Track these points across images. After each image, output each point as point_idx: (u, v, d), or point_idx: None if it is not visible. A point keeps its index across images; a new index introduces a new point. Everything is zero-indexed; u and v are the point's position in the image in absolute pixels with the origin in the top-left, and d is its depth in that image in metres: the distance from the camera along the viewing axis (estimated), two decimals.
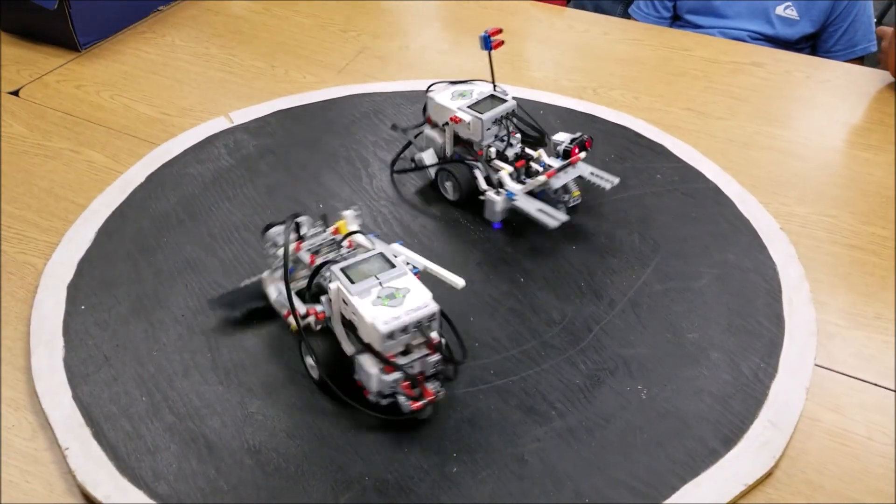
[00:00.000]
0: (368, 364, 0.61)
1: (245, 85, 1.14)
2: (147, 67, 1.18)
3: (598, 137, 1.00)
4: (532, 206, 0.80)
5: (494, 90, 0.86)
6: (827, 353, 0.73)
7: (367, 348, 0.61)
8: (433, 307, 0.60)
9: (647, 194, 0.91)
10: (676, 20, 1.64)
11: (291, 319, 0.64)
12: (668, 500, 0.60)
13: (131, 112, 1.07)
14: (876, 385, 0.71)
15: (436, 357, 0.62)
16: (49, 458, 0.63)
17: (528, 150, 0.84)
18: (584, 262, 0.81)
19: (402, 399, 0.62)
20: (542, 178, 0.81)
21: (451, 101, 0.85)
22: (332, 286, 0.61)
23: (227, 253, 0.82)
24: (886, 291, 0.80)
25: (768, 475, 0.63)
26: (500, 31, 0.84)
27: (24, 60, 1.19)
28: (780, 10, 1.50)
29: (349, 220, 0.71)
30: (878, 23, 1.66)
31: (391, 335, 0.58)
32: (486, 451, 0.63)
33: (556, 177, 0.81)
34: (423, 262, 0.67)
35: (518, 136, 0.85)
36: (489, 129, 0.82)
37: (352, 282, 0.60)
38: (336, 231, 0.70)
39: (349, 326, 0.63)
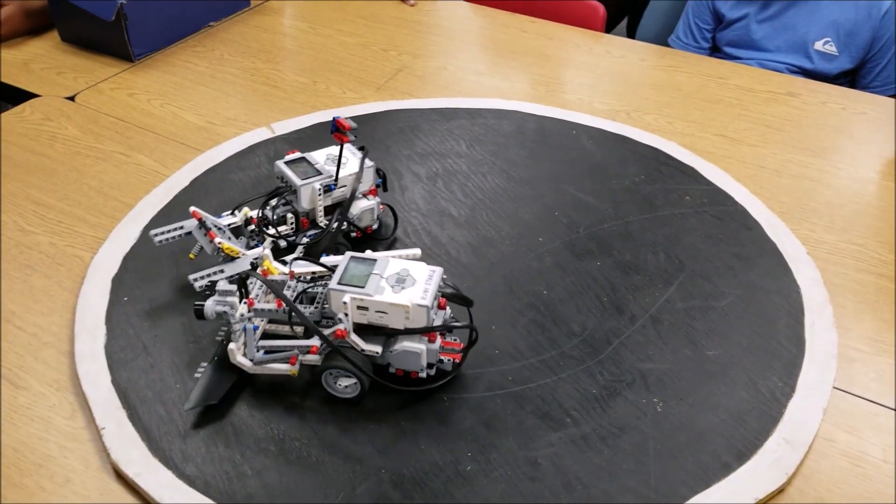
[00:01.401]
0: (412, 345, 0.65)
1: (287, 98, 1.18)
2: (196, 79, 1.23)
3: (629, 158, 1.02)
4: None
5: (335, 182, 0.81)
6: (847, 376, 0.74)
7: (402, 334, 0.65)
8: (439, 269, 0.66)
9: (675, 215, 0.92)
10: (715, 52, 1.65)
11: (305, 357, 0.66)
12: None
13: (179, 120, 1.12)
14: (895, 410, 0.71)
15: (448, 311, 0.68)
16: (86, 437, 0.66)
17: None
18: (608, 278, 0.83)
19: (444, 361, 0.68)
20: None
21: None
22: (346, 298, 0.63)
23: None
24: None
25: (780, 491, 0.63)
26: (349, 128, 0.78)
27: (80, 68, 1.24)
28: (819, 45, 1.51)
29: (270, 258, 0.73)
30: None
31: (431, 306, 0.63)
32: (500, 452, 0.65)
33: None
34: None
35: None
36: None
37: (361, 287, 0.64)
38: (266, 272, 0.71)
39: (364, 330, 0.66)
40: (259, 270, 0.72)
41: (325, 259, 0.70)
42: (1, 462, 0.64)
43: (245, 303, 0.67)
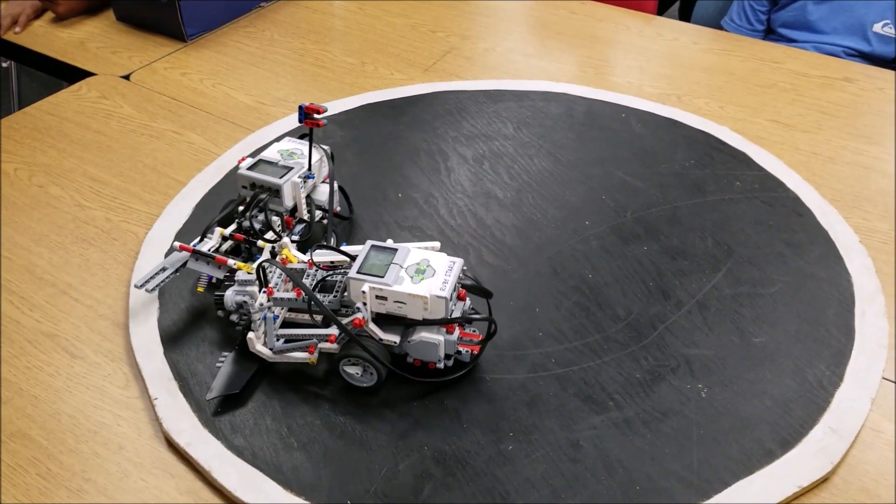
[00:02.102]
0: (430, 336, 0.65)
1: (336, 79, 1.19)
2: (247, 59, 1.25)
3: (679, 142, 1.01)
4: None
5: (310, 170, 0.80)
6: None
7: (420, 324, 0.65)
8: (459, 260, 0.66)
9: (725, 200, 0.91)
10: (770, 34, 1.62)
11: (323, 346, 0.67)
12: (719, 495, 0.61)
13: (230, 100, 1.13)
14: None
15: (468, 302, 0.68)
16: (139, 406, 0.69)
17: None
18: (655, 263, 0.82)
19: (462, 352, 0.68)
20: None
21: None
22: (365, 288, 0.64)
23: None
24: None
25: (824, 480, 0.63)
26: (319, 110, 0.75)
27: (135, 48, 1.27)
28: (877, 27, 1.46)
29: (290, 247, 0.73)
30: None
31: (450, 297, 0.64)
32: (542, 433, 0.65)
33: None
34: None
35: None
36: None
37: (381, 277, 0.64)
38: (285, 261, 0.72)
39: (384, 320, 0.66)
40: (278, 259, 0.72)
41: (346, 247, 0.71)
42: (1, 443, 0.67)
43: (265, 292, 0.67)
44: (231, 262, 0.71)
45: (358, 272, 0.65)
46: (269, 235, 0.76)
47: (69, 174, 0.97)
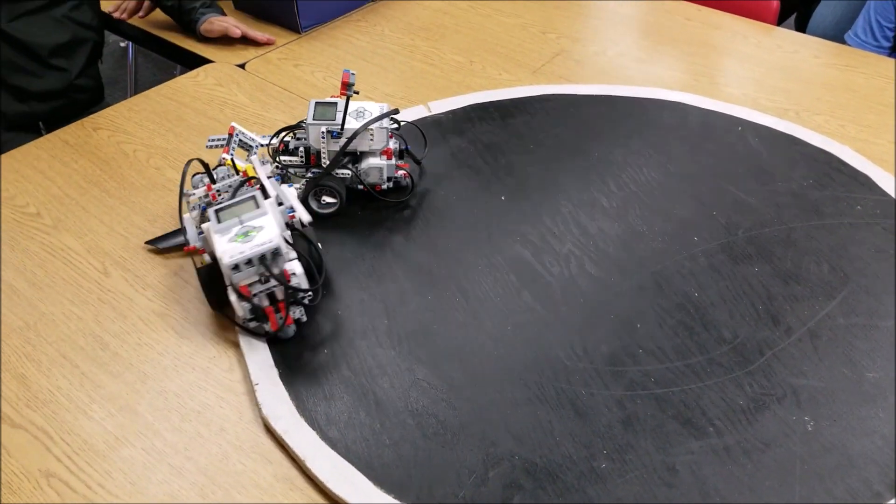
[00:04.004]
0: (230, 292, 0.69)
1: (443, 77, 1.19)
2: (357, 53, 1.26)
3: (798, 160, 0.97)
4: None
5: (341, 130, 0.85)
6: None
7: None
8: (275, 243, 0.68)
9: (844, 224, 0.87)
10: None
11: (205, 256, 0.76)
12: None
13: None
14: None
15: (291, 284, 0.69)
16: (241, 390, 0.71)
17: None
18: (765, 286, 0.79)
19: (263, 323, 0.72)
20: None
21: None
22: (204, 226, 0.71)
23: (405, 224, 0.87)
24: None
25: None
26: (347, 83, 0.82)
27: None
28: None
29: (256, 165, 0.80)
30: None
31: (236, 267, 0.67)
32: (637, 453, 0.63)
33: None
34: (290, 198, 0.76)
35: None
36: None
37: (219, 221, 0.70)
38: (244, 174, 0.79)
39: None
40: (241, 172, 0.80)
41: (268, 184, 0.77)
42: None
43: (205, 187, 0.77)
44: (222, 155, 0.83)
45: (219, 207, 0.71)
46: (295, 160, 0.88)
47: (185, 158, 1.01)
